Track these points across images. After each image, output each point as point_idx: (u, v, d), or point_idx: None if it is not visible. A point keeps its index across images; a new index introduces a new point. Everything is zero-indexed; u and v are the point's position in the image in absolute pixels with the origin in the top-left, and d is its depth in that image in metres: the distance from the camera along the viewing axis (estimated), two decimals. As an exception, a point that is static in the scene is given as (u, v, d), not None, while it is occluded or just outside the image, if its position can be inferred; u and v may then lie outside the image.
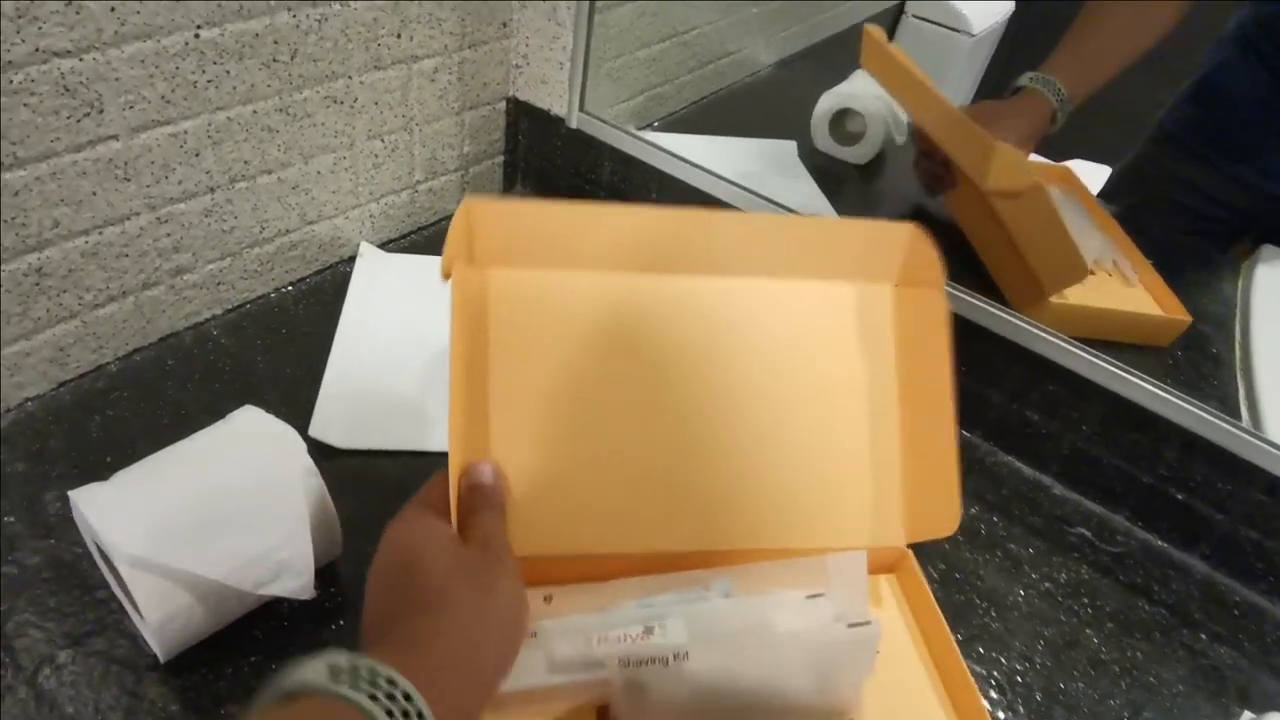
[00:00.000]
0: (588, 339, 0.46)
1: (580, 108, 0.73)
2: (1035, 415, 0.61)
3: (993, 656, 0.51)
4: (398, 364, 0.60)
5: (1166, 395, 0.56)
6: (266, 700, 0.27)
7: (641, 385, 0.46)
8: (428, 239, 0.75)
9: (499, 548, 0.37)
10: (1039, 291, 0.63)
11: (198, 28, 0.50)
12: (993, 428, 0.63)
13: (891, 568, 0.51)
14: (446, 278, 0.41)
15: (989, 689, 0.49)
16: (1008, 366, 0.60)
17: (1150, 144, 0.98)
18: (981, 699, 0.44)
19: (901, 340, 0.50)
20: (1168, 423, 0.56)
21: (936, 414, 0.48)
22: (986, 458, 0.63)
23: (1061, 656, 0.51)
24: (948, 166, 0.69)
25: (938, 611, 0.47)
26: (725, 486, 0.47)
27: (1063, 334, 0.59)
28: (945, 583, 0.54)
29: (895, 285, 0.50)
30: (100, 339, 0.56)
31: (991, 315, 0.59)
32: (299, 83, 0.56)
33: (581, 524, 0.45)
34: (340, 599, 0.46)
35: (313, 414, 0.55)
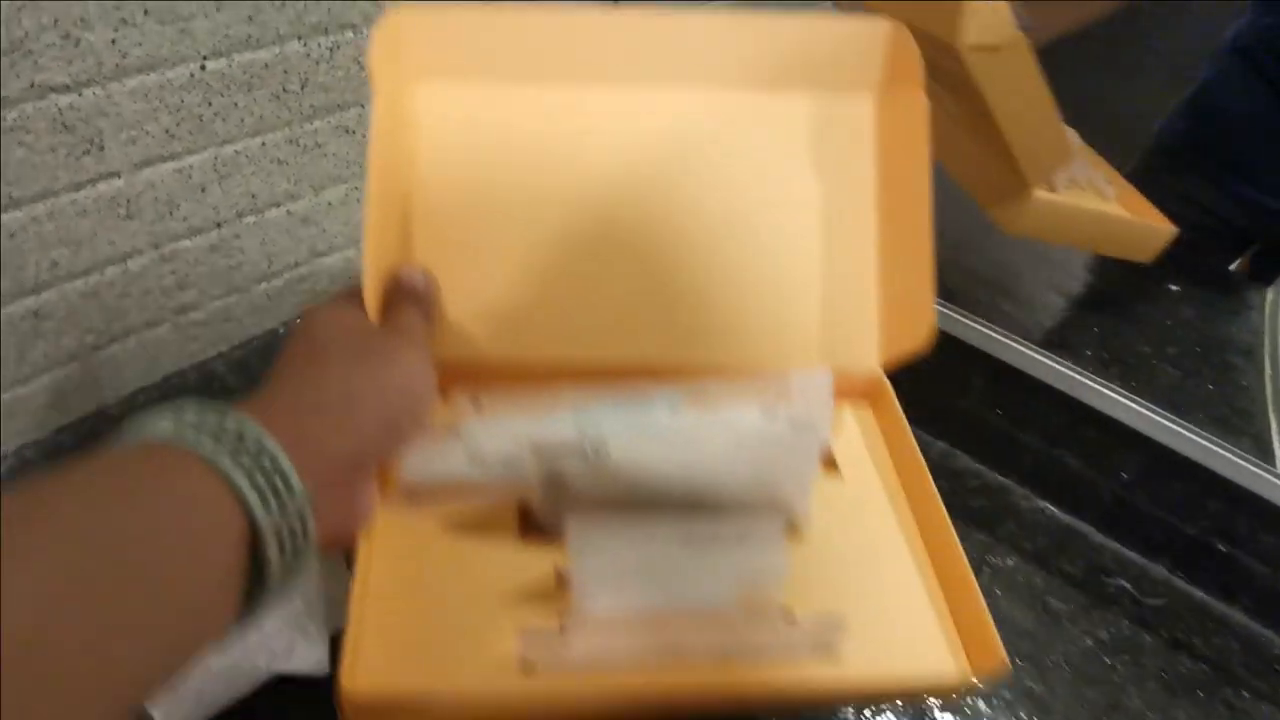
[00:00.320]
0: (525, 152, 0.43)
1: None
2: (1074, 461, 0.59)
3: (1036, 723, 0.49)
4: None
5: (1210, 445, 0.54)
6: (105, 449, 0.24)
7: (585, 200, 0.43)
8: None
9: (410, 330, 0.35)
10: (1020, 180, 0.56)
11: (204, 59, 0.47)
12: (1028, 472, 0.61)
13: (866, 395, 0.47)
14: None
15: (1033, 760, 0.47)
16: (1047, 411, 0.58)
17: (1148, 156, 0.96)
18: (960, 547, 0.38)
19: (881, 149, 0.46)
20: (1209, 473, 0.54)
21: (914, 224, 0.43)
22: (1021, 502, 0.61)
23: (1105, 721, 0.50)
24: None
25: (914, 445, 0.43)
26: (676, 299, 0.44)
27: (1044, 240, 0.54)
28: (984, 642, 0.52)
29: (876, 91, 0.45)
30: (101, 382, 0.53)
31: (1030, 358, 0.57)
32: (310, 113, 0.54)
33: (515, 328, 0.42)
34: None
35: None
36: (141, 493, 0.23)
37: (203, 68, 0.48)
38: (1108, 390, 0.56)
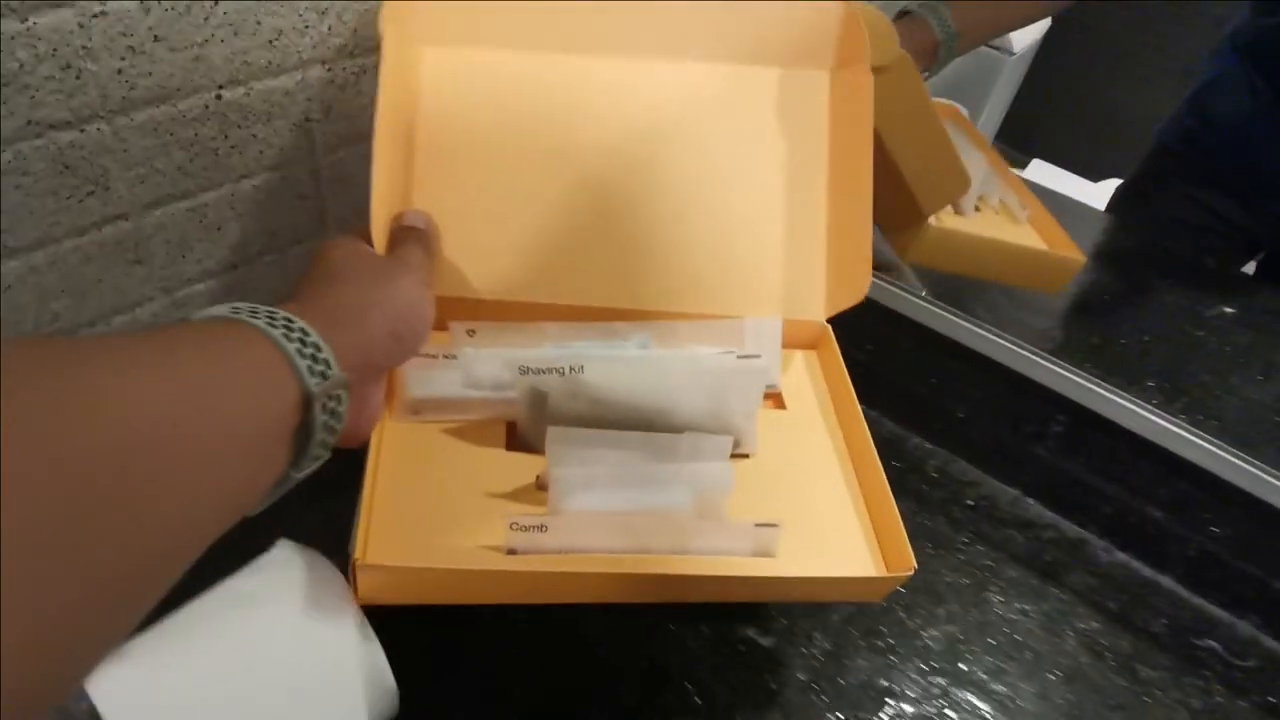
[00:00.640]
0: (518, 115, 0.48)
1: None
2: (1159, 513, 0.55)
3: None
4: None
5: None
6: (175, 323, 0.28)
7: (571, 160, 0.48)
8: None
9: (412, 261, 0.39)
10: (915, 212, 0.56)
11: (219, 88, 0.43)
12: (1109, 524, 0.57)
13: (813, 344, 0.52)
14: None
15: None
16: (1134, 461, 0.54)
17: (1151, 160, 0.93)
18: (881, 469, 0.44)
19: (833, 122, 0.50)
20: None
21: (857, 193, 0.48)
22: (1100, 555, 0.57)
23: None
24: None
25: (850, 387, 0.48)
26: (648, 252, 0.49)
27: (944, 271, 0.54)
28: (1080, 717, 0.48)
29: (830, 69, 0.50)
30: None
31: (1118, 406, 0.53)
32: (335, 143, 0.49)
33: (505, 272, 0.47)
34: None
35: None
36: (214, 349, 0.26)
37: (218, 97, 0.43)
38: (1205, 442, 0.51)
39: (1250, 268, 0.93)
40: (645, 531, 0.39)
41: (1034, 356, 0.55)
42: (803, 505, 0.44)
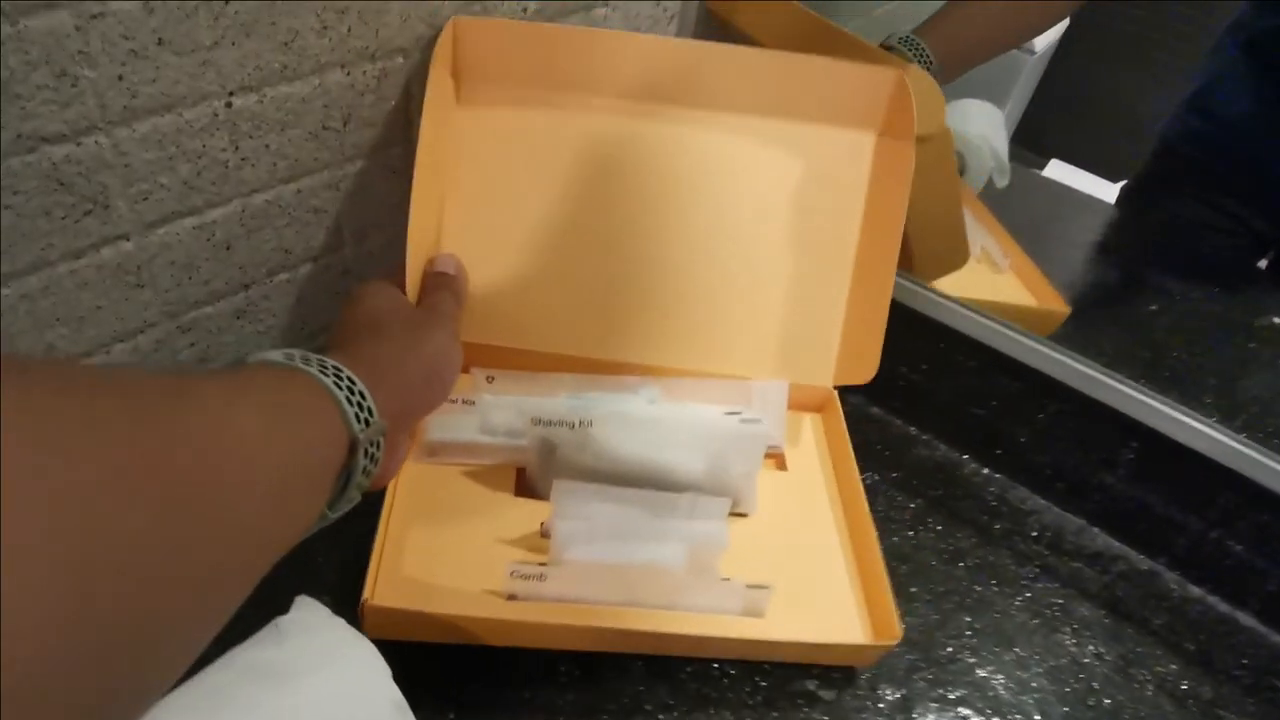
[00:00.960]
0: (553, 168, 0.48)
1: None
2: (1239, 546, 0.51)
3: None
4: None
5: None
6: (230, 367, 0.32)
7: (600, 214, 0.49)
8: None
9: (444, 312, 0.41)
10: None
11: (230, 95, 0.39)
12: (1182, 557, 0.53)
13: (819, 408, 0.54)
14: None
15: None
16: (1214, 492, 0.50)
17: (1155, 160, 0.91)
18: (875, 537, 0.45)
19: (871, 187, 0.50)
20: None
21: (882, 267, 0.49)
22: (1173, 592, 0.53)
23: None
24: None
25: (850, 453, 0.49)
26: (668, 308, 0.50)
27: None
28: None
29: (877, 135, 0.50)
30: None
31: (1197, 433, 0.49)
32: (352, 153, 0.45)
33: (527, 322, 0.49)
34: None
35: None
36: (281, 395, 0.28)
37: (228, 105, 0.39)
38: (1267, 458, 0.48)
39: (1262, 264, 0.91)
40: (639, 585, 0.41)
41: (1106, 379, 0.51)
42: (796, 568, 0.45)
